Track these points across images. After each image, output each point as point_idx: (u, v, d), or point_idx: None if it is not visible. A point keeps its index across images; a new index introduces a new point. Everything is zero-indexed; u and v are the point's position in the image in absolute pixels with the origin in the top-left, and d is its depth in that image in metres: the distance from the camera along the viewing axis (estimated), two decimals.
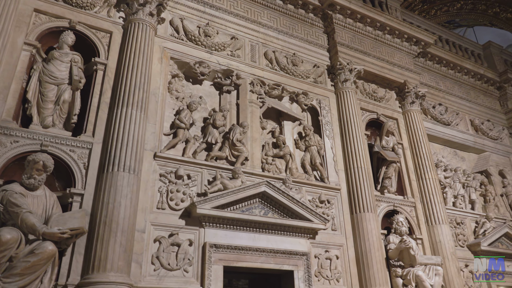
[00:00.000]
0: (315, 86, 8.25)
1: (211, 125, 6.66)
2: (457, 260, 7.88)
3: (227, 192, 5.91)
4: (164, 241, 5.43)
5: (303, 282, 6.20)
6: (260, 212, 6.25)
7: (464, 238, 8.80)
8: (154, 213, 5.58)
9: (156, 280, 5.20)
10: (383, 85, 9.34)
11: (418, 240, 7.83)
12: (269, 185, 6.28)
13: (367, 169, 7.64)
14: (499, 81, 11.75)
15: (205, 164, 6.29)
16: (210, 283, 5.43)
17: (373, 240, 6.93)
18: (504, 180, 10.55)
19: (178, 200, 5.79)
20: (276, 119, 7.78)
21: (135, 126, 5.63)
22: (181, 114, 6.42)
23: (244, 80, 7.40)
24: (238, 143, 6.65)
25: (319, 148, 7.59)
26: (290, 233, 6.38)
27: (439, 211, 8.10)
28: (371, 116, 8.79)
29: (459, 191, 9.51)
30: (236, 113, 7.23)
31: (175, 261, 5.42)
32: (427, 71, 10.59)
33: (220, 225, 5.87)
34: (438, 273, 7.08)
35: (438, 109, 10.26)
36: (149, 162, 5.81)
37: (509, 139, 11.47)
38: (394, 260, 7.25)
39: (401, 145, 8.84)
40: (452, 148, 10.40)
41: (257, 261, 5.99)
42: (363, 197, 7.27)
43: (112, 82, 6.02)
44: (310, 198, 7.01)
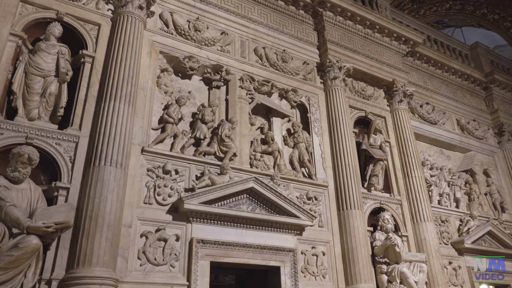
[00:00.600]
0: (305, 83, 8.27)
1: (199, 120, 6.63)
2: (441, 257, 8.00)
3: (215, 188, 5.90)
4: (151, 236, 5.41)
5: (289, 278, 6.23)
6: (247, 208, 6.25)
7: (448, 235, 8.94)
8: (141, 208, 5.54)
9: (142, 275, 5.18)
10: (372, 84, 9.40)
11: (404, 238, 7.93)
12: (257, 181, 6.29)
13: (354, 166, 7.70)
14: (485, 81, 11.92)
15: (193, 159, 6.27)
16: (197, 279, 5.43)
17: (359, 237, 6.99)
18: (488, 179, 10.74)
19: (166, 195, 5.76)
20: (265, 115, 7.79)
21: (123, 120, 5.58)
22: (169, 109, 6.38)
23: (233, 76, 7.38)
24: (227, 138, 6.64)
25: (308, 145, 7.62)
26: (277, 229, 6.41)
27: (425, 209, 8.21)
28: (359, 114, 8.85)
29: (444, 189, 9.64)
30: (225, 109, 7.21)
31: (162, 256, 5.40)
32: (415, 70, 10.69)
33: (208, 220, 5.86)
34: (422, 270, 7.19)
35: (426, 108, 10.38)
36: (136, 156, 5.77)
37: (494, 139, 11.66)
38: (380, 257, 7.34)
39: (389, 143, 8.93)
40: (439, 147, 10.53)
41: (244, 257, 6.00)
42: (350, 194, 7.33)
43: (100, 75, 5.95)
44: (297, 195, 7.05)
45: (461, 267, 8.71)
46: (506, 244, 9.43)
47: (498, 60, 13.34)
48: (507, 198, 10.73)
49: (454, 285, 8.38)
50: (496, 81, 11.93)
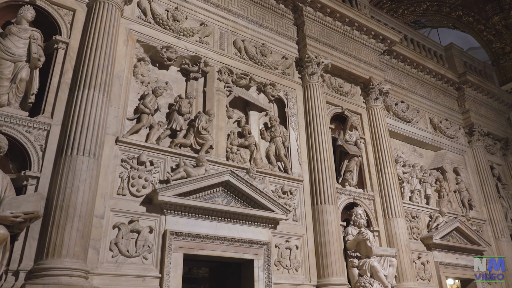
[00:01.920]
0: (283, 77, 8.29)
1: (176, 111, 6.56)
2: (410, 252, 8.23)
3: (190, 180, 5.87)
4: (124, 228, 5.34)
5: (262, 271, 6.29)
6: (223, 201, 6.25)
7: (418, 231, 9.19)
8: (114, 199, 5.46)
9: (114, 267, 5.11)
10: (349, 80, 9.51)
11: (375, 232, 8.10)
12: (233, 174, 6.29)
13: (330, 162, 7.80)
14: (458, 82, 12.25)
15: (169, 151, 6.20)
16: (170, 271, 5.40)
17: (332, 231, 7.10)
18: (457, 177, 11.07)
19: (140, 186, 5.69)
20: (243, 108, 7.77)
21: (97, 109, 5.46)
22: (145, 99, 6.28)
23: (212, 68, 7.33)
24: (204, 131, 6.60)
25: (284, 139, 7.66)
26: (252, 222, 6.44)
27: (396, 205, 8.40)
28: (336, 110, 8.95)
29: (415, 186, 9.89)
30: (202, 101, 7.16)
31: (134, 248, 5.34)
32: (391, 68, 10.88)
33: (182, 212, 5.83)
34: (392, 264, 7.37)
35: (400, 106, 10.59)
36: (110, 146, 5.67)
37: (464, 138, 12.02)
38: (352, 251, 7.48)
39: (364, 139, 9.07)
40: (412, 145, 10.79)
41: (218, 250, 6.01)
42: (325, 189, 7.42)
43: (73, 62, 5.79)
44: (273, 189, 7.09)
45: (429, 262, 8.98)
46: (472, 240, 9.78)
47: (471, 61, 13.74)
48: (474, 196, 11.11)
49: (422, 279, 8.64)
50: (468, 82, 12.27)
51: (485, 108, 12.90)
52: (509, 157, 12.92)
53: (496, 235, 10.68)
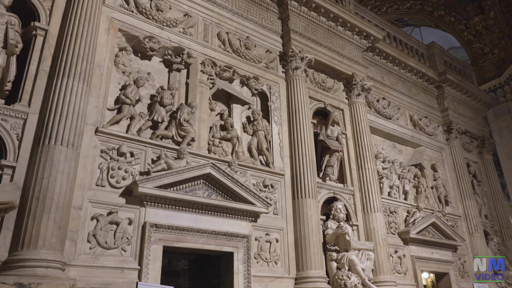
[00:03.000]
0: (267, 71, 8.29)
1: (158, 103, 6.49)
2: (388, 246, 8.40)
3: (171, 172, 5.83)
4: (102, 219, 5.28)
5: (242, 263, 6.32)
6: (203, 194, 6.24)
7: (395, 226, 9.37)
8: (93, 190, 5.38)
9: (92, 259, 5.05)
10: (332, 76, 9.58)
11: (354, 227, 8.22)
12: (214, 167, 6.27)
13: (311, 156, 7.86)
14: (438, 80, 12.47)
15: (150, 142, 6.14)
16: (149, 263, 5.37)
17: (312, 225, 7.18)
18: (435, 174, 11.31)
19: (119, 177, 5.62)
20: (226, 101, 7.74)
21: (76, 99, 5.34)
22: (127, 89, 6.19)
23: (195, 60, 7.26)
24: (185, 123, 6.55)
25: (266, 133, 7.67)
26: (232, 215, 6.45)
27: (375, 200, 8.54)
28: (318, 105, 9.01)
29: (394, 182, 10.07)
30: (185, 93, 7.10)
31: (113, 240, 5.29)
32: (374, 65, 10.99)
33: (162, 205, 5.79)
34: (370, 258, 7.51)
35: (382, 103, 10.73)
36: (90, 137, 5.57)
37: (443, 135, 12.28)
38: (331, 245, 7.59)
39: (345, 135, 9.17)
40: (392, 141, 10.95)
41: (198, 242, 6.00)
42: (306, 184, 7.48)
43: (52, 50, 5.65)
44: (254, 182, 7.11)
45: (405, 256, 9.18)
46: (447, 235, 10.03)
47: (451, 60, 14.01)
48: (451, 192, 11.38)
49: (398, 273, 8.83)
50: (448, 80, 12.51)
51: (463, 107, 13.19)
52: (484, 155, 13.27)
53: (470, 231, 10.99)
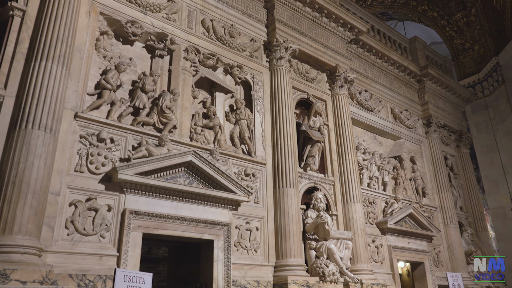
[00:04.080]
0: (250, 60, 8.25)
1: (139, 89, 6.40)
2: (366, 236, 8.56)
3: (151, 159, 5.78)
4: (81, 205, 5.21)
5: (222, 251, 6.35)
6: (184, 181, 6.22)
7: (374, 216, 9.55)
8: (71, 176, 5.30)
9: (70, 245, 5.00)
10: (316, 67, 9.60)
11: (334, 216, 8.35)
12: (196, 155, 6.25)
13: (293, 146, 7.90)
14: (419, 74, 12.65)
15: (131, 129, 6.06)
16: (128, 250, 5.35)
17: (292, 214, 7.25)
18: (414, 166, 11.53)
19: (99, 164, 5.55)
20: (209, 89, 7.69)
21: (55, 82, 5.22)
22: (107, 74, 6.07)
23: (178, 46, 7.17)
24: (167, 110, 6.49)
25: (249, 122, 7.67)
26: (213, 203, 6.45)
27: (355, 191, 8.66)
28: (301, 95, 9.04)
29: (374, 173, 10.23)
30: (167, 79, 7.02)
31: (92, 226, 5.24)
32: (357, 57, 11.07)
33: (143, 192, 5.75)
34: (348, 247, 7.64)
35: (364, 95, 10.83)
36: (68, 122, 5.46)
37: (422, 129, 12.51)
38: (310, 234, 7.68)
39: (327, 126, 9.24)
40: (373, 133, 11.10)
41: (178, 230, 6.00)
42: (287, 173, 7.53)
43: (31, 31, 5.49)
44: (236, 171, 7.12)
45: (382, 245, 9.38)
46: (423, 226, 10.28)
47: (433, 55, 14.22)
48: (428, 184, 11.64)
49: (375, 262, 9.03)
50: (429, 75, 12.70)
51: (443, 101, 13.44)
52: (462, 149, 13.59)
53: (446, 222, 11.29)
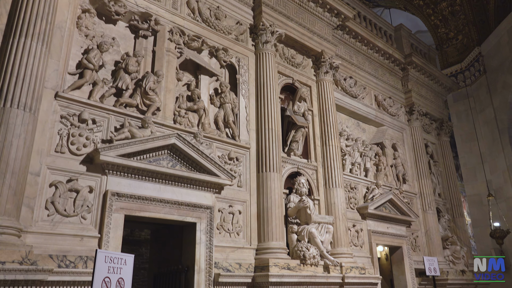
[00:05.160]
0: (236, 43, 8.18)
1: (123, 69, 6.29)
2: (346, 221, 8.71)
3: (134, 141, 5.73)
4: (61, 186, 5.15)
5: (204, 234, 6.39)
6: (168, 164, 6.19)
7: (355, 201, 9.71)
8: (52, 157, 5.22)
9: (50, 226, 4.95)
10: (302, 52, 9.59)
11: (316, 201, 8.45)
12: (179, 137, 6.22)
13: (277, 131, 7.93)
14: (404, 62, 12.75)
15: (113, 110, 5.97)
16: (109, 231, 5.33)
17: (275, 198, 7.32)
18: (395, 153, 11.71)
19: (80, 145, 5.47)
20: (193, 72, 7.61)
21: (35, 60, 5.08)
22: (89, 54, 5.95)
23: (163, 27, 7.05)
24: (151, 92, 6.41)
25: (234, 106, 7.65)
26: (196, 186, 6.46)
27: (337, 176, 8.77)
28: (287, 80, 9.03)
29: (356, 159, 10.36)
30: (151, 61, 6.91)
31: (73, 208, 5.19)
32: (343, 44, 11.07)
33: (125, 174, 5.71)
34: (329, 231, 7.77)
35: (349, 82, 10.89)
36: (49, 101, 5.35)
37: (405, 116, 12.67)
38: (292, 218, 7.78)
39: (311, 111, 9.28)
40: (356, 120, 11.20)
41: (161, 212, 5.99)
42: (271, 158, 7.57)
43: (8, 7, 5.31)
44: (219, 154, 7.12)
45: (363, 230, 9.57)
46: (403, 211, 10.51)
47: (418, 44, 14.33)
48: (409, 171, 11.87)
49: (355, 246, 9.23)
50: (413, 63, 12.82)
51: (425, 90, 13.61)
52: (442, 137, 13.85)
53: (424, 208, 11.57)
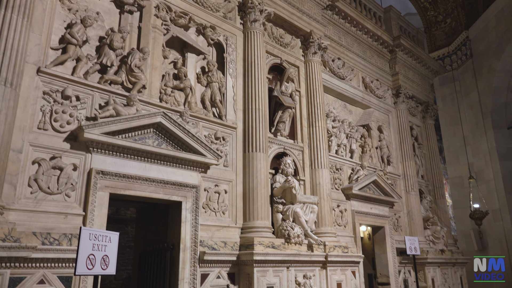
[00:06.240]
0: (224, 21, 8.04)
1: (107, 45, 6.14)
2: (331, 201, 8.84)
3: (119, 119, 5.65)
4: (45, 164, 5.08)
5: (190, 212, 6.42)
6: (153, 143, 6.15)
7: (340, 182, 9.83)
8: (34, 133, 5.12)
9: (33, 203, 4.91)
10: (291, 32, 9.49)
11: (301, 181, 8.54)
12: (165, 116, 6.16)
13: (264, 111, 7.91)
14: (392, 45, 12.74)
15: (98, 87, 5.86)
16: (94, 209, 5.31)
17: (261, 178, 7.36)
18: (381, 135, 11.83)
19: (64, 122, 5.38)
20: (180, 50, 7.48)
21: (15, 34, 4.93)
22: (73, 28, 5.78)
23: (149, 2, 6.88)
24: (137, 69, 6.30)
25: (221, 85, 7.58)
26: (182, 165, 6.45)
27: (323, 157, 8.85)
28: (275, 60, 8.96)
29: (342, 140, 10.44)
30: (137, 37, 6.76)
31: (56, 185, 5.14)
32: (332, 24, 10.98)
33: (110, 152, 5.65)
34: (313, 211, 7.89)
35: (337, 63, 10.86)
36: (31, 77, 5.22)
37: (391, 99, 12.75)
38: (278, 198, 7.86)
39: (299, 92, 9.27)
40: (343, 101, 11.23)
41: (146, 191, 5.98)
42: (257, 138, 7.58)
43: None
44: (206, 134, 7.09)
45: (346, 210, 9.74)
46: (386, 192, 10.71)
47: (406, 26, 14.29)
48: (393, 153, 12.03)
49: (339, 225, 9.40)
50: (401, 45, 12.82)
51: (412, 72, 13.68)
52: (427, 120, 14.01)
53: (407, 189, 11.79)
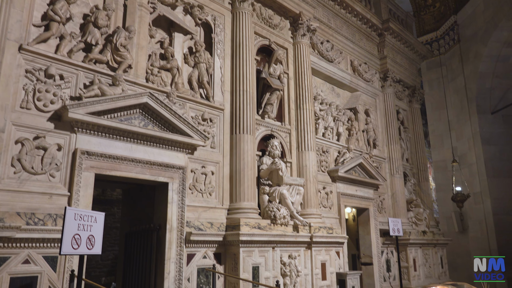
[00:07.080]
0: (212, 0, 7.91)
1: (92, 23, 6.00)
2: (317, 183, 8.94)
3: (105, 99, 5.57)
4: (28, 144, 5.01)
5: (176, 194, 6.43)
6: (140, 123, 6.09)
7: (326, 164, 9.93)
8: (17, 113, 5.03)
9: (17, 183, 4.85)
10: (280, 13, 9.39)
11: (288, 163, 8.59)
12: (151, 96, 6.09)
13: (252, 93, 7.88)
14: (381, 28, 12.71)
15: (82, 66, 5.75)
16: (79, 190, 5.28)
17: (248, 160, 7.39)
18: (367, 118, 11.92)
19: (47, 101, 5.28)
20: (167, 29, 7.35)
21: None
22: (56, 5, 5.61)
23: None
24: (122, 48, 6.18)
25: (208, 66, 7.50)
26: (169, 146, 6.42)
27: (310, 140, 8.90)
28: (263, 42, 8.88)
29: (330, 123, 10.49)
30: (122, 15, 6.61)
31: (40, 165, 5.08)
32: (322, 6, 10.89)
33: (95, 132, 5.59)
34: (300, 193, 7.97)
35: (325, 46, 10.82)
36: (12, 54, 5.08)
37: (379, 82, 12.81)
38: (264, 179, 7.92)
39: (287, 74, 9.23)
40: (331, 84, 11.24)
41: (132, 172, 5.96)
42: (245, 120, 7.57)
43: None
44: (193, 115, 7.05)
45: (332, 192, 9.87)
46: (371, 175, 10.86)
47: (396, 9, 14.25)
48: (379, 136, 12.15)
49: (324, 207, 9.53)
50: (390, 29, 12.80)
51: (400, 56, 13.71)
52: (413, 104, 14.14)
53: (392, 172, 11.98)
